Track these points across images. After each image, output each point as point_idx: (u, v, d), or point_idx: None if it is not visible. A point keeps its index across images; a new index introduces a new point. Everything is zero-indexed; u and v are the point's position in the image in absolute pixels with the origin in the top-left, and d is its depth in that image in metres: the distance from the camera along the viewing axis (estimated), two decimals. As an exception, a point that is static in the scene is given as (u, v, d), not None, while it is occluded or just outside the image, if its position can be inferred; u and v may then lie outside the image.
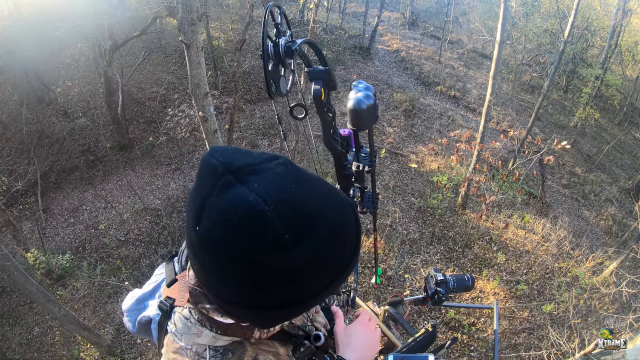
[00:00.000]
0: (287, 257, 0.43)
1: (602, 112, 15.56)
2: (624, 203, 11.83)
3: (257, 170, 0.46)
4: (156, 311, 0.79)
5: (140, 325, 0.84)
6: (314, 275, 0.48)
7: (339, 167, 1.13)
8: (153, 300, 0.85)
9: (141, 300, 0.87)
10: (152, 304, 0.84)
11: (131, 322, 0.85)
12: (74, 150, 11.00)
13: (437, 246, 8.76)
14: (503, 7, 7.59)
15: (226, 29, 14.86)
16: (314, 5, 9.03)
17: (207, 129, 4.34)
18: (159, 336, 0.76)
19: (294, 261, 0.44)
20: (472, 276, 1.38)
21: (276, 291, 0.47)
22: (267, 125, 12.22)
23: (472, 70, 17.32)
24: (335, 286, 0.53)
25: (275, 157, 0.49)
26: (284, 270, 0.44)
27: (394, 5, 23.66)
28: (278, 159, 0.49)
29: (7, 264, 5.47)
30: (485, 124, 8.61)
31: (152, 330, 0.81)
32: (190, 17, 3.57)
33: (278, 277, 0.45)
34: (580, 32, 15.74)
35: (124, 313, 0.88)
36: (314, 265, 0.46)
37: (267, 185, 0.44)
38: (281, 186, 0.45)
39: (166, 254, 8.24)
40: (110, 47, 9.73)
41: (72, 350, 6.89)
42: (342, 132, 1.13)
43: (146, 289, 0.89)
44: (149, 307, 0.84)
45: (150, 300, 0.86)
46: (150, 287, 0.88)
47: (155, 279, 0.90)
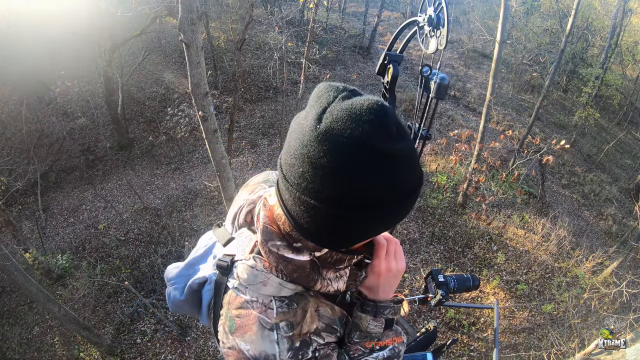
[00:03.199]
0: (395, 145, 0.52)
1: (602, 112, 15.55)
2: (624, 203, 11.83)
3: (366, 95, 0.56)
4: (212, 271, 0.79)
5: (191, 291, 0.82)
6: (404, 174, 0.55)
7: None
8: (205, 264, 0.85)
9: (191, 264, 0.86)
10: (204, 267, 0.84)
11: (179, 289, 0.83)
12: (73, 150, 11.00)
13: (436, 246, 8.76)
14: (503, 7, 7.58)
15: (226, 28, 14.85)
16: (314, 5, 9.02)
17: (207, 128, 4.33)
18: (214, 298, 0.76)
19: (399, 150, 0.52)
20: (474, 276, 1.37)
21: (377, 181, 0.52)
22: (267, 125, 12.22)
23: (472, 70, 17.32)
24: (406, 207, 0.59)
25: None
26: (390, 155, 0.51)
27: (394, 5, 23.65)
28: None
29: (7, 264, 5.47)
30: (485, 124, 8.61)
31: (204, 294, 0.79)
32: (190, 17, 3.57)
33: (383, 165, 0.51)
34: (581, 32, 15.74)
35: (170, 282, 0.85)
36: (407, 163, 0.54)
37: (377, 98, 0.54)
38: (385, 102, 0.55)
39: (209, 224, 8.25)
40: (110, 47, 9.72)
41: (72, 350, 6.89)
42: None
43: (195, 254, 0.88)
44: (201, 270, 0.83)
45: (201, 264, 0.85)
46: (201, 252, 0.88)
47: (204, 243, 0.89)
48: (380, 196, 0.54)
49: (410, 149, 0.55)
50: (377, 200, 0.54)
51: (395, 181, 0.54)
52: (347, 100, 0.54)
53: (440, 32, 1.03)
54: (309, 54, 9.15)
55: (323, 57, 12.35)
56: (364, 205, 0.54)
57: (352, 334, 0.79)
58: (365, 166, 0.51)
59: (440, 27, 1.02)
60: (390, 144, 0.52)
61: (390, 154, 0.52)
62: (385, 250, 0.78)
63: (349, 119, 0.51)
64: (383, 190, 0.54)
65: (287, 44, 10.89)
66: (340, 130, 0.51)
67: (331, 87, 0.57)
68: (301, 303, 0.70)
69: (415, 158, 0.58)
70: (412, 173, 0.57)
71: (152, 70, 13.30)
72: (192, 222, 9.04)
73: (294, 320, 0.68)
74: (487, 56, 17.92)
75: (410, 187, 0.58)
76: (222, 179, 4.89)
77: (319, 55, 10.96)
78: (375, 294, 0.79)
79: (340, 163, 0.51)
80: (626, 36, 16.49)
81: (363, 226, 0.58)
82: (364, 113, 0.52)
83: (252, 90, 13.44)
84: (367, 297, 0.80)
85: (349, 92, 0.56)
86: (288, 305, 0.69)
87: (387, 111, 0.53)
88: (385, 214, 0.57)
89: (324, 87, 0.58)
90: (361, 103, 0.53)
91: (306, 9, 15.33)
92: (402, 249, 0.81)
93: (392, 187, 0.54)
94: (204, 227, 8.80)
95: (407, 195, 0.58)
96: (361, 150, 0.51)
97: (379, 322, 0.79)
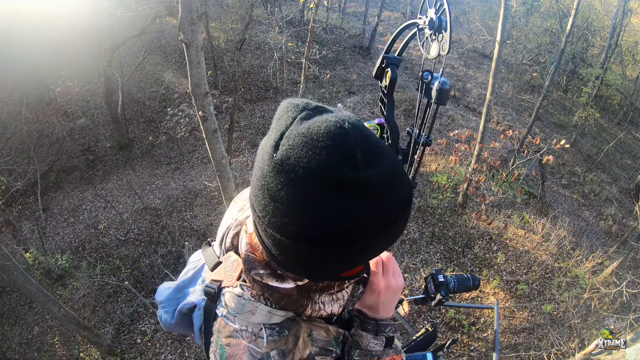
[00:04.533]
0: (359, 174, 0.45)
1: (602, 112, 15.55)
2: (624, 203, 11.82)
3: (332, 111, 0.51)
4: (200, 297, 0.76)
5: (181, 316, 0.79)
6: (376, 205, 0.48)
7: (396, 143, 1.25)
8: (194, 287, 0.82)
9: (180, 288, 0.83)
10: (193, 291, 0.81)
11: (169, 312, 0.81)
12: (73, 150, 11.00)
13: (437, 246, 8.76)
14: (503, 7, 7.58)
15: (226, 28, 14.85)
16: (314, 5, 9.02)
17: (207, 128, 4.33)
18: (204, 324, 0.73)
19: (366, 178, 0.46)
20: (474, 276, 1.37)
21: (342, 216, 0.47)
22: (267, 125, 12.20)
23: (472, 70, 17.32)
24: (390, 235, 0.53)
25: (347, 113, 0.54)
26: (354, 187, 0.45)
27: (394, 5, 23.65)
28: (349, 114, 0.53)
29: (7, 264, 5.46)
30: (485, 124, 8.61)
31: (194, 319, 0.77)
32: (190, 17, 3.57)
33: (347, 196, 0.46)
34: (581, 32, 15.74)
35: (160, 305, 0.83)
36: (379, 192, 0.48)
37: (342, 116, 0.49)
38: (354, 120, 0.50)
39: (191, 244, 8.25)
40: (110, 47, 9.72)
41: (72, 350, 6.89)
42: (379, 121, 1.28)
43: (184, 277, 0.85)
44: (190, 294, 0.81)
45: (190, 288, 0.82)
46: (190, 274, 0.85)
47: (193, 265, 0.87)
48: (350, 231, 0.48)
49: (385, 172, 0.48)
50: (347, 236, 0.49)
51: (366, 214, 0.48)
52: (306, 122, 0.48)
53: (442, 36, 0.97)
54: (309, 54, 9.15)
55: (323, 57, 12.34)
56: (333, 242, 0.49)
57: (352, 352, 0.77)
58: (326, 200, 0.46)
59: (442, 30, 0.96)
60: (353, 172, 0.45)
61: (355, 185, 0.45)
62: (382, 267, 0.75)
63: (305, 146, 0.46)
64: (351, 226, 0.48)
65: (287, 44, 10.90)
66: (296, 159, 0.46)
67: (291, 106, 0.52)
68: (293, 329, 0.67)
69: (397, 179, 0.51)
70: (390, 200, 0.50)
71: (152, 70, 13.30)
72: (192, 222, 9.04)
73: (285, 348, 0.65)
74: (487, 56, 17.92)
75: (392, 213, 0.51)
76: (222, 179, 4.89)
77: (319, 55, 10.95)
78: (375, 312, 0.76)
79: (299, 197, 0.47)
80: (626, 36, 16.49)
81: (340, 260, 0.54)
82: (320, 138, 0.46)
83: (252, 90, 13.44)
84: (367, 315, 0.77)
85: (310, 112, 0.50)
86: (279, 332, 0.65)
87: (348, 134, 0.47)
88: (364, 247, 0.52)
89: (284, 106, 0.53)
90: (318, 126, 0.47)
91: (306, 9, 15.33)
92: (397, 265, 0.78)
93: (362, 222, 0.48)
94: (204, 227, 8.80)
95: (389, 223, 0.51)
96: (319, 183, 0.45)
97: (379, 340, 0.77)
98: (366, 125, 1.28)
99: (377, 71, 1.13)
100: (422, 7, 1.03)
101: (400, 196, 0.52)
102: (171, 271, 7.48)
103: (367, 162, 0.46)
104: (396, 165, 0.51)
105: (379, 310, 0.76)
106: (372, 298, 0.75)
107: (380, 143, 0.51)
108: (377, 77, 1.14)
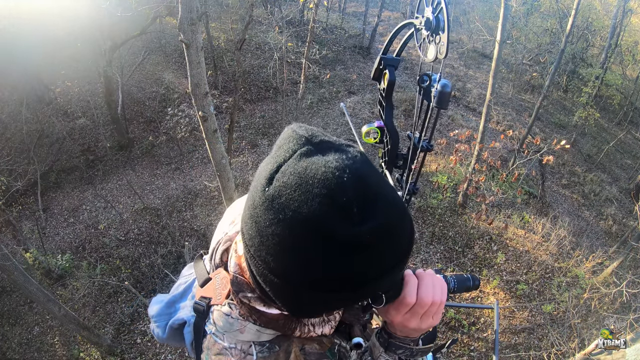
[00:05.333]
0: (352, 229, 0.43)
1: (602, 112, 15.55)
2: (624, 203, 11.83)
3: (337, 149, 0.47)
4: (190, 313, 0.75)
5: (172, 330, 0.78)
6: (368, 260, 0.46)
7: (396, 148, 1.22)
8: (185, 302, 0.81)
9: (171, 303, 0.82)
10: (183, 306, 0.80)
11: (161, 327, 0.80)
12: (73, 150, 11.00)
13: (437, 246, 8.77)
14: (503, 7, 7.58)
15: (226, 28, 14.85)
16: (314, 5, 9.03)
17: (207, 128, 4.33)
18: (194, 340, 0.72)
19: (357, 236, 0.43)
20: (475, 276, 1.37)
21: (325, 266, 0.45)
22: (267, 125, 12.22)
23: (472, 70, 17.32)
24: (385, 281, 0.51)
25: (352, 145, 0.50)
26: (346, 242, 0.43)
27: (394, 5, 23.64)
28: (355, 147, 0.50)
29: (7, 264, 5.46)
30: (485, 124, 8.61)
31: (185, 335, 0.75)
32: (190, 17, 3.57)
33: (334, 249, 0.43)
34: (581, 32, 15.74)
35: (152, 319, 0.82)
36: (372, 247, 0.45)
37: (345, 160, 0.45)
38: (357, 165, 0.45)
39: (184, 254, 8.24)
40: (110, 47, 9.72)
41: (72, 350, 6.89)
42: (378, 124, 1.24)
43: (175, 291, 0.84)
44: (181, 309, 0.80)
45: (181, 303, 0.82)
46: (181, 289, 0.84)
47: (184, 280, 0.86)
48: (338, 281, 0.46)
49: (381, 227, 0.44)
50: (335, 286, 0.47)
51: (357, 268, 0.45)
52: (305, 160, 0.45)
53: (439, 37, 0.91)
54: (309, 54, 9.16)
55: (323, 57, 12.35)
56: (320, 289, 0.47)
57: (365, 357, 0.75)
58: (314, 250, 0.44)
59: (439, 32, 0.90)
60: (345, 226, 0.42)
61: (346, 240, 0.43)
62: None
63: (298, 189, 0.43)
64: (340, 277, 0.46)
65: (287, 44, 10.89)
66: (287, 200, 0.43)
67: (294, 136, 0.48)
68: (283, 345, 0.64)
69: (395, 234, 0.47)
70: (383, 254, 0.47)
71: (152, 70, 13.30)
72: (192, 222, 9.04)
73: None
74: (487, 56, 17.92)
75: (385, 266, 0.49)
76: (222, 179, 4.89)
77: (319, 55, 10.96)
78: (392, 328, 0.71)
79: (286, 240, 0.45)
80: (626, 36, 16.48)
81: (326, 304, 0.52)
82: (316, 184, 0.43)
83: (252, 90, 13.44)
84: (384, 327, 0.72)
85: (312, 147, 0.46)
86: (269, 349, 0.64)
87: (346, 185, 0.43)
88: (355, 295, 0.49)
89: (288, 134, 0.49)
90: (316, 169, 0.44)
91: (306, 9, 15.34)
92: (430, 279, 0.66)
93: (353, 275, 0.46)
94: (204, 227, 8.81)
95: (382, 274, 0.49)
96: (308, 231, 0.43)
97: (391, 358, 0.72)
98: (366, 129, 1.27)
99: (375, 73, 1.10)
100: (419, 6, 0.97)
101: (396, 249, 0.49)
102: (171, 271, 7.48)
103: (363, 217, 0.43)
104: (396, 218, 0.48)
105: (395, 329, 0.70)
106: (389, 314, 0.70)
107: (383, 192, 0.47)
108: (375, 78, 1.11)
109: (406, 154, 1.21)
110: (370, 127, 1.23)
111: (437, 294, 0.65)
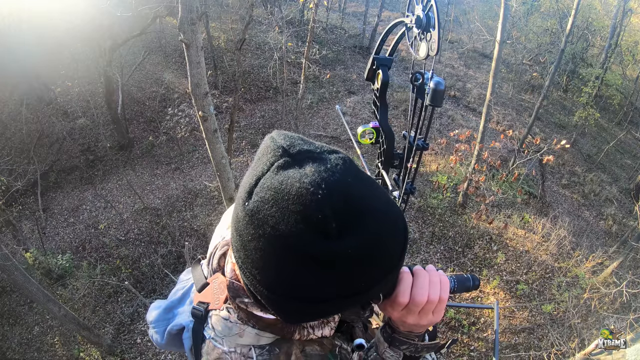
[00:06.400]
0: (330, 246, 0.42)
1: (602, 112, 15.55)
2: (624, 203, 11.83)
3: (316, 159, 0.46)
4: (188, 318, 0.75)
5: (170, 336, 0.78)
6: (349, 275, 0.45)
7: (391, 148, 1.21)
8: (183, 307, 0.81)
9: (169, 308, 0.82)
10: (182, 312, 0.80)
11: (159, 333, 0.79)
12: (73, 150, 11.00)
13: (437, 246, 8.76)
14: (503, 7, 7.58)
15: (226, 28, 14.86)
16: (314, 5, 9.03)
17: (207, 128, 4.33)
18: (193, 345, 0.72)
19: (336, 253, 0.42)
20: (475, 276, 1.36)
21: (308, 281, 0.45)
22: (267, 125, 12.22)
23: (472, 70, 17.32)
24: (369, 294, 0.50)
25: (335, 151, 0.49)
26: (323, 260, 0.43)
27: (394, 5, 23.64)
28: (338, 153, 0.48)
29: (7, 264, 5.47)
30: (485, 124, 8.61)
31: (184, 340, 0.75)
32: (190, 17, 3.57)
33: (314, 266, 0.43)
34: (581, 32, 15.74)
35: (150, 325, 0.82)
36: (353, 263, 0.44)
37: (323, 172, 0.44)
38: (337, 177, 0.44)
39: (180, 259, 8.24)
40: (110, 47, 9.72)
41: (72, 350, 6.89)
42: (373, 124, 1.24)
43: (173, 297, 0.84)
44: (179, 315, 0.80)
45: (179, 308, 0.81)
46: (179, 295, 0.83)
47: (182, 285, 0.85)
48: (320, 296, 0.46)
49: (364, 242, 0.43)
50: (318, 298, 0.47)
51: (339, 284, 0.45)
52: (281, 173, 0.44)
53: (430, 35, 0.91)
54: (309, 54, 9.16)
55: (323, 57, 12.35)
56: (303, 300, 0.47)
57: (370, 353, 0.75)
58: (294, 267, 0.44)
59: (430, 29, 0.90)
60: (322, 244, 0.42)
61: (323, 257, 0.42)
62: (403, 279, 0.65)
63: (275, 204, 0.43)
64: (322, 293, 0.46)
65: (287, 44, 10.89)
66: (265, 216, 0.43)
67: (272, 146, 0.47)
68: (284, 347, 0.64)
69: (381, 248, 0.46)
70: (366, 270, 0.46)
71: (152, 70, 13.30)
72: (192, 222, 9.04)
73: None
74: (487, 56, 17.92)
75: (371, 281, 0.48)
76: (222, 179, 4.89)
77: (319, 55, 10.96)
78: (394, 323, 0.70)
79: (269, 256, 0.45)
80: (626, 36, 16.48)
81: (313, 313, 0.52)
82: (290, 200, 0.42)
83: (252, 90, 13.45)
84: (388, 322, 0.71)
85: (289, 159, 0.45)
86: (269, 351, 0.63)
87: (321, 201, 0.41)
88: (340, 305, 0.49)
89: (266, 144, 0.49)
90: (291, 185, 0.43)
91: (306, 9, 15.32)
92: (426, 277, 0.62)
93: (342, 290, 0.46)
94: (204, 227, 8.80)
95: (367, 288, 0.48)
96: (286, 248, 0.43)
97: (396, 353, 0.71)
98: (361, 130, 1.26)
99: (369, 73, 1.08)
100: (410, 5, 0.97)
101: (385, 261, 0.48)
102: (171, 271, 7.48)
103: (342, 232, 0.42)
104: (383, 231, 0.46)
105: (397, 324, 0.69)
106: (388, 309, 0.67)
107: (367, 204, 0.45)
108: (368, 79, 1.10)
109: (402, 154, 1.20)
110: (365, 127, 1.23)
111: (434, 292, 0.62)
